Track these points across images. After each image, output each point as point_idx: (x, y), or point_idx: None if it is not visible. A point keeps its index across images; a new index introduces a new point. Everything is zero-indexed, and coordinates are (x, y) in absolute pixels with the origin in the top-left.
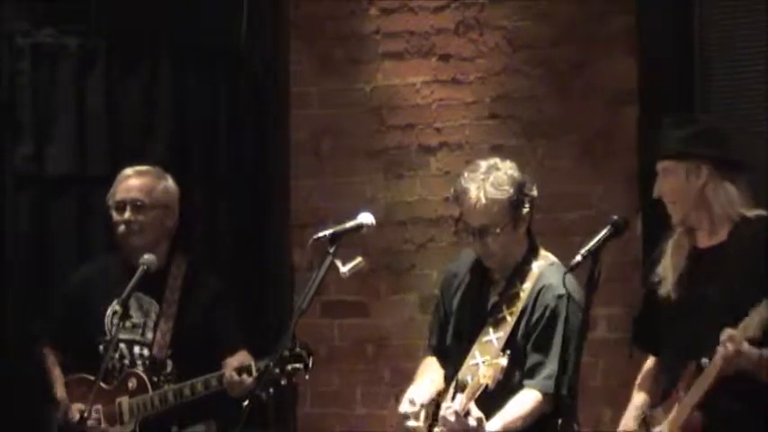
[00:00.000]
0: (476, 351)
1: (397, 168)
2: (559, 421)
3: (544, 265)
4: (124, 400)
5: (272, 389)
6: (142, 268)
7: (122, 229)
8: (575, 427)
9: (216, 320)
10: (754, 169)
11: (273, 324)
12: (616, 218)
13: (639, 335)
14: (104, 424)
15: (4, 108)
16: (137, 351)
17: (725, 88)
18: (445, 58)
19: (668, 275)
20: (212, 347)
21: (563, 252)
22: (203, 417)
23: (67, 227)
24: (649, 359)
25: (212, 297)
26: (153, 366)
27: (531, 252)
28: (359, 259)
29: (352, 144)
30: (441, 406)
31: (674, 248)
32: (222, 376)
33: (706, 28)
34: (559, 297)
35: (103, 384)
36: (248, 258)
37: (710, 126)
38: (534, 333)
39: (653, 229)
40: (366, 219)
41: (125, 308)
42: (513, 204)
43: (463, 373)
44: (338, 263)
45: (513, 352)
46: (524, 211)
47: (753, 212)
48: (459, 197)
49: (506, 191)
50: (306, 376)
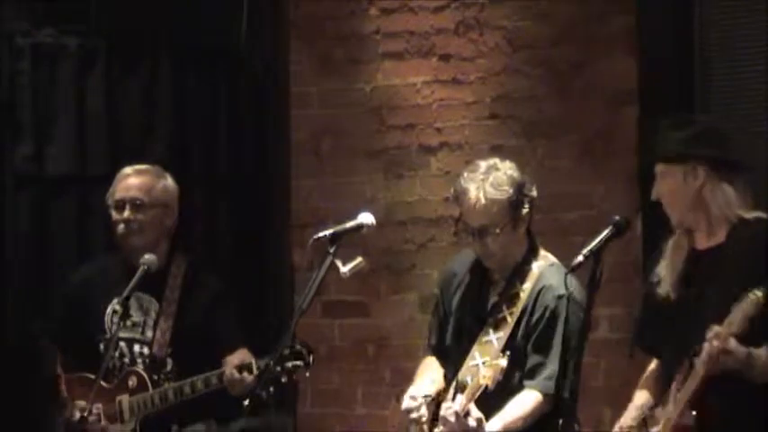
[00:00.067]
0: (476, 351)
1: (397, 168)
2: (560, 421)
3: (544, 265)
4: (124, 398)
5: (272, 387)
6: (143, 268)
7: (122, 228)
8: (575, 427)
9: (216, 320)
10: (753, 169)
11: (273, 324)
12: (618, 218)
13: (640, 336)
14: (105, 422)
15: (4, 108)
16: (137, 349)
17: (725, 88)
18: (445, 58)
19: (667, 276)
20: (212, 347)
21: (563, 252)
22: (203, 416)
23: (67, 227)
24: (654, 360)
25: (212, 297)
26: (153, 365)
27: (530, 252)
28: (359, 259)
29: (352, 144)
30: (441, 406)
31: (672, 249)
32: (222, 374)
33: (706, 28)
34: (559, 298)
35: (104, 383)
36: (248, 258)
37: (708, 127)
38: (534, 334)
39: (653, 230)
40: (366, 219)
41: (125, 308)
42: (513, 205)
43: (463, 374)
44: (338, 263)
45: (513, 353)
46: (524, 211)
47: (751, 214)
48: (458, 197)
49: (506, 191)
50: (306, 374)
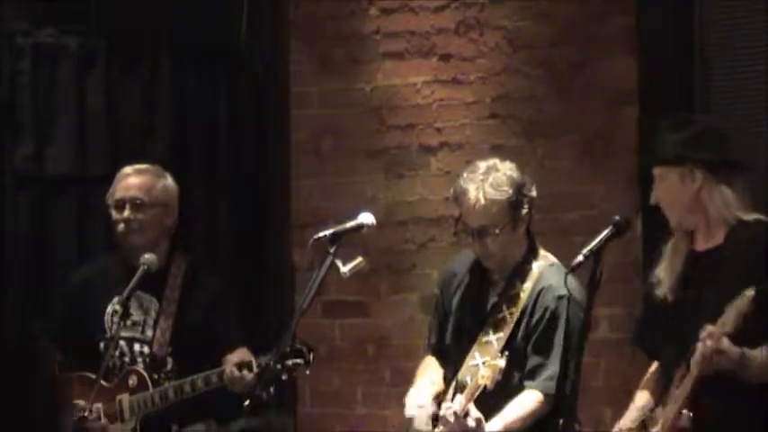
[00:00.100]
0: (475, 352)
1: (397, 168)
2: (560, 421)
3: (544, 265)
4: (125, 397)
5: (272, 387)
6: (143, 268)
7: (122, 227)
8: (576, 427)
9: (216, 320)
10: (752, 170)
11: (273, 324)
12: (618, 218)
13: (640, 336)
14: (105, 421)
15: (4, 108)
16: (137, 348)
17: (725, 88)
18: (445, 58)
19: (665, 278)
20: (212, 347)
21: (563, 252)
22: (203, 416)
23: (67, 227)
24: (655, 362)
25: (212, 297)
26: (153, 364)
27: (530, 252)
28: (359, 259)
29: (352, 144)
30: (441, 406)
31: (672, 251)
32: (222, 372)
33: (706, 28)
34: (560, 298)
35: (104, 382)
36: (248, 258)
37: (706, 128)
38: (534, 335)
39: (653, 230)
40: (366, 219)
41: (125, 308)
42: (513, 205)
43: (463, 374)
44: (339, 263)
45: (512, 353)
46: (523, 211)
47: (750, 216)
48: (458, 198)
49: (505, 192)
50: (306, 372)
